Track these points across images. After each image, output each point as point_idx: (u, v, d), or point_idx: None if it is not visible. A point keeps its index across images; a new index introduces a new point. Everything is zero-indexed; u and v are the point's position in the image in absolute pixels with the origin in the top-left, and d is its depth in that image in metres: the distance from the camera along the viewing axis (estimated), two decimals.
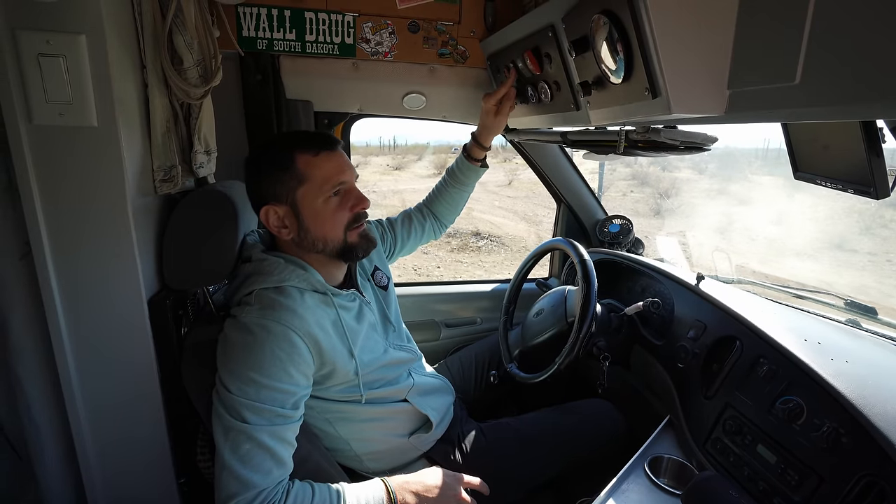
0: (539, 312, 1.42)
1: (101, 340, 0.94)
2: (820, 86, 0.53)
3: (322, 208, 0.95)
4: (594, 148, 1.20)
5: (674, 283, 1.36)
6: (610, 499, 0.94)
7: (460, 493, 0.97)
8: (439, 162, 19.24)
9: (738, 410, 1.00)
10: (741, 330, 1.08)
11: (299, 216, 0.95)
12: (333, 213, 0.96)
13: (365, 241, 1.01)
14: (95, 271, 0.91)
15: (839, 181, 0.77)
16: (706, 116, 0.71)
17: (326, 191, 0.94)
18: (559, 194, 1.89)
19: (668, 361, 1.24)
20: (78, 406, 0.94)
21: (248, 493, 0.81)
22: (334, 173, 0.95)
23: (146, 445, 1.00)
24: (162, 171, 1.01)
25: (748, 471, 0.92)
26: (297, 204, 0.95)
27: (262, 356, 0.85)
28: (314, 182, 0.94)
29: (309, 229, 0.96)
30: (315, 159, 0.94)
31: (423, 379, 1.17)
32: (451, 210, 1.44)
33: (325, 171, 0.94)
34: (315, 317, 0.92)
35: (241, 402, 0.83)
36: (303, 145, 0.95)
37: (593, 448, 1.22)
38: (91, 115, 0.85)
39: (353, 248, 0.99)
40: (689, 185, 15.79)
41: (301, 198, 0.94)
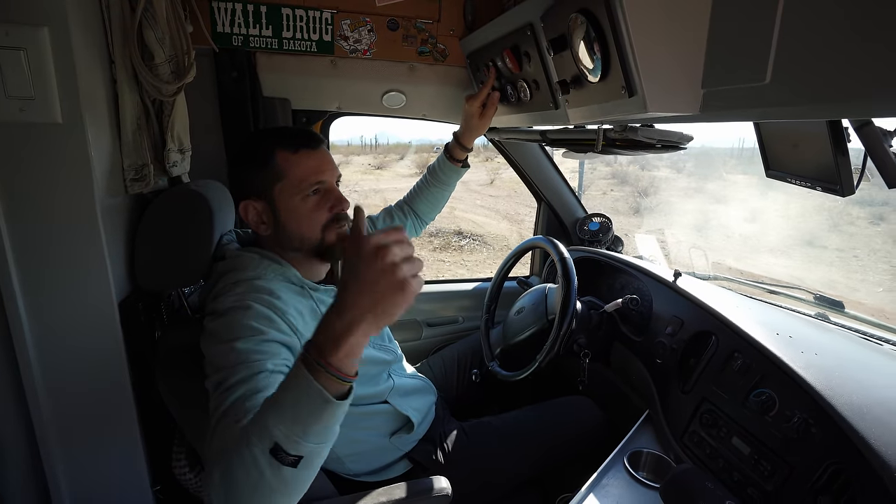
0: (520, 311, 1.43)
1: (68, 345, 0.90)
2: (789, 86, 0.54)
3: (299, 206, 0.93)
4: (573, 147, 1.21)
5: (652, 280, 1.38)
6: (590, 494, 0.95)
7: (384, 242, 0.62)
8: (421, 161, 19.19)
9: (713, 404, 1.02)
10: (717, 325, 1.10)
11: (276, 213, 0.94)
12: (310, 213, 0.94)
13: (341, 243, 0.98)
14: (62, 274, 0.88)
15: (808, 179, 0.79)
16: (681, 115, 0.72)
17: (304, 189, 0.93)
18: (539, 193, 1.91)
19: (646, 357, 1.26)
20: (44, 415, 0.90)
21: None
22: (313, 172, 0.93)
23: (119, 454, 0.97)
24: (133, 169, 0.98)
25: (723, 462, 0.94)
26: (274, 200, 0.93)
27: (241, 328, 0.79)
28: (292, 179, 0.92)
29: (285, 227, 0.94)
30: (294, 156, 0.93)
31: (404, 380, 1.16)
32: (431, 208, 1.44)
33: (303, 169, 0.93)
34: (293, 303, 0.90)
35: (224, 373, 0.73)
36: (284, 142, 0.93)
37: (574, 444, 1.24)
38: (55, 111, 0.81)
39: (330, 248, 0.97)
40: (668, 184, 16.10)
41: (278, 194, 0.93)
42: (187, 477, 1.02)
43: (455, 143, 1.36)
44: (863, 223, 9.66)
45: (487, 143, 1.76)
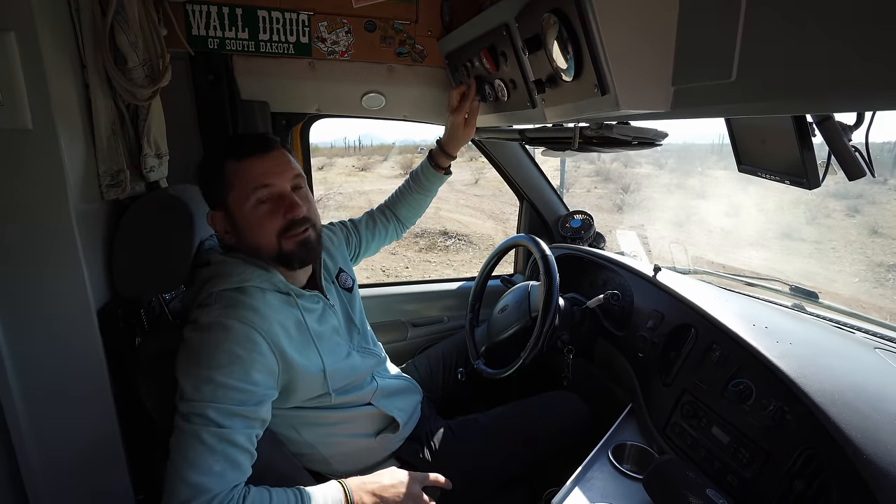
0: (504, 309, 1.44)
1: (46, 354, 0.89)
2: (754, 83, 0.55)
3: (250, 215, 0.92)
4: (551, 145, 1.22)
5: (633, 275, 1.40)
6: (576, 488, 0.96)
7: (419, 493, 0.95)
8: (405, 162, 19.16)
9: (694, 395, 1.04)
10: (696, 318, 1.13)
11: (234, 222, 0.93)
12: (262, 221, 0.92)
13: (303, 250, 0.95)
14: (37, 283, 0.86)
15: (777, 173, 0.81)
16: (653, 112, 0.73)
17: (251, 197, 0.90)
18: (521, 191, 1.92)
19: (629, 351, 1.28)
20: (21, 426, 0.88)
21: (201, 497, 0.75)
22: (259, 180, 0.91)
23: (101, 464, 0.96)
24: (108, 175, 0.97)
25: (704, 452, 0.96)
26: (230, 210, 0.93)
27: (220, 354, 0.81)
28: (238, 189, 0.91)
29: (244, 235, 0.94)
30: (239, 166, 0.91)
31: (387, 381, 1.16)
32: (413, 213, 1.44)
33: (248, 177, 0.91)
34: (278, 316, 0.90)
35: (196, 406, 0.79)
36: (230, 151, 0.92)
37: (560, 439, 1.25)
38: (25, 116, 0.80)
39: (288, 255, 0.94)
40: (650, 181, 16.32)
41: (231, 204, 0.92)
42: None
43: (439, 151, 1.36)
44: (839, 216, 9.92)
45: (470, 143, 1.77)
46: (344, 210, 10.55)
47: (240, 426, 0.81)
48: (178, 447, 0.78)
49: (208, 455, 0.77)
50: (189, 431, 0.78)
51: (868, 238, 8.32)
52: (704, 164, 18.32)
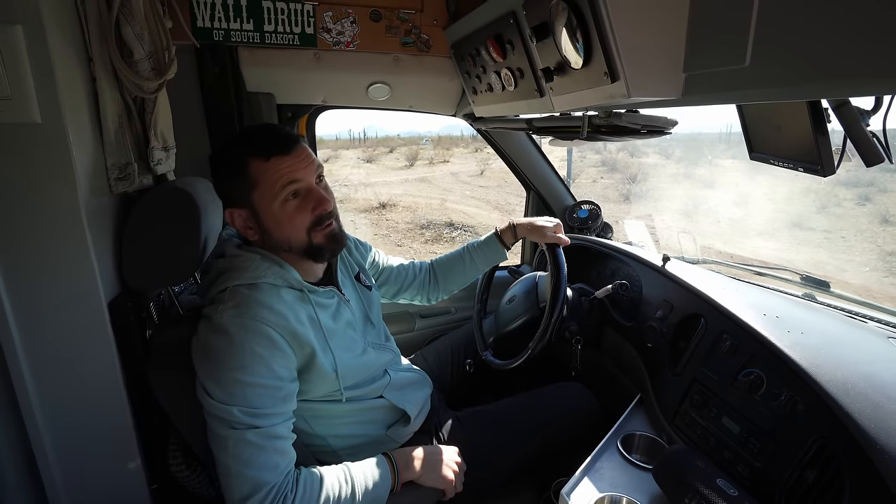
0: (511, 299, 1.43)
1: (58, 348, 0.89)
2: (768, 67, 0.54)
3: (279, 212, 0.92)
4: (559, 134, 1.21)
5: (641, 265, 1.39)
6: (585, 478, 0.97)
7: (456, 458, 1.06)
8: (410, 154, 19.12)
9: (703, 385, 1.04)
10: (705, 308, 1.12)
11: (259, 220, 0.93)
12: (292, 217, 0.92)
13: (332, 242, 0.97)
14: (48, 276, 0.86)
15: (790, 160, 0.80)
16: (664, 100, 0.72)
17: (280, 195, 0.91)
18: (528, 181, 1.91)
19: (637, 341, 1.28)
20: (37, 418, 0.90)
21: (261, 491, 0.82)
22: (287, 177, 0.90)
23: (114, 454, 0.97)
24: (116, 168, 0.97)
25: (714, 441, 0.96)
26: (255, 208, 0.92)
27: (243, 355, 0.83)
28: (267, 187, 0.90)
29: (270, 232, 0.94)
30: (266, 164, 0.90)
31: (400, 374, 1.16)
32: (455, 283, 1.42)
33: (277, 175, 0.90)
34: (293, 312, 0.91)
35: (231, 409, 0.82)
36: (255, 149, 0.91)
37: (568, 429, 1.25)
38: (33, 110, 0.80)
39: (319, 248, 0.96)
40: (657, 170, 16.19)
41: (257, 202, 0.92)
42: (184, 474, 1.02)
43: (508, 230, 1.38)
44: (849, 204, 9.79)
45: (476, 134, 1.76)
46: (349, 202, 10.57)
47: (277, 420, 0.86)
48: (228, 450, 0.82)
49: (259, 452, 0.83)
50: (235, 437, 0.82)
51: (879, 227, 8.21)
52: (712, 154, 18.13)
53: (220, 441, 0.83)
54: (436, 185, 13.17)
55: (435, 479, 1.01)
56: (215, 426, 0.84)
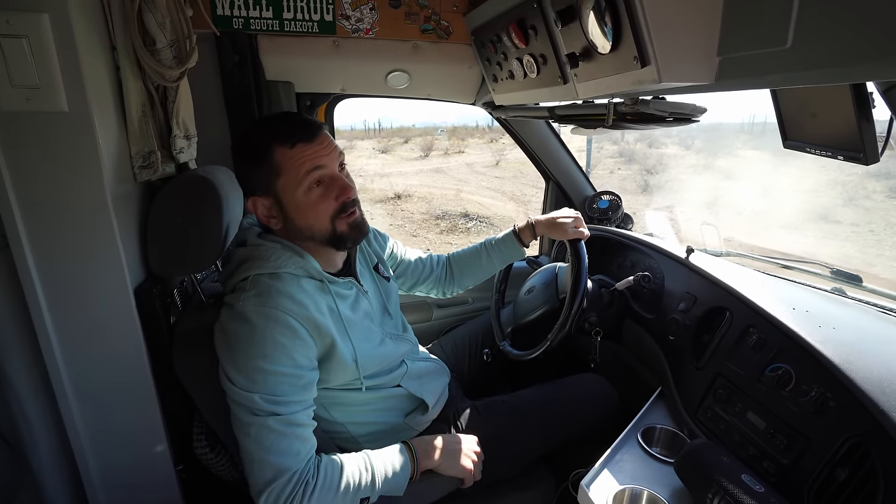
0: (530, 290, 1.42)
1: (88, 332, 0.91)
2: (811, 49, 0.52)
3: (304, 200, 0.92)
4: (582, 122, 1.18)
5: (664, 256, 1.37)
6: (604, 469, 0.96)
7: (475, 447, 1.06)
8: (426, 144, 19.06)
9: (728, 379, 1.01)
10: (731, 301, 1.09)
11: (283, 208, 0.93)
12: (316, 205, 0.92)
13: (355, 231, 0.97)
14: (77, 262, 0.88)
15: (828, 148, 0.77)
16: (696, 85, 0.70)
17: (305, 183, 0.90)
18: (547, 171, 1.88)
19: (659, 334, 1.26)
20: (69, 400, 0.92)
21: (283, 477, 0.83)
22: (312, 165, 0.90)
23: (141, 435, 0.99)
24: (140, 157, 0.98)
25: (738, 437, 0.94)
26: (279, 196, 0.92)
27: (265, 344, 0.84)
28: (292, 175, 0.90)
29: (294, 220, 0.94)
30: (291, 152, 0.90)
31: (417, 364, 1.17)
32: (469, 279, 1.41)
33: (301, 162, 0.90)
34: (313, 302, 0.91)
35: (253, 396, 0.83)
36: (279, 137, 0.90)
37: (587, 421, 1.24)
38: (61, 99, 0.81)
39: (342, 237, 0.96)
40: (676, 161, 15.89)
41: (282, 190, 0.92)
42: (209, 457, 1.04)
43: (526, 228, 1.36)
44: (880, 197, 9.47)
45: (492, 124, 1.73)
46: (365, 193, 10.60)
47: (298, 408, 0.87)
48: (250, 436, 0.84)
49: (281, 439, 0.84)
50: (257, 423, 0.84)
51: None
52: (734, 144, 17.70)
53: (243, 427, 0.85)
54: (451, 175, 13.12)
55: (454, 467, 1.02)
56: (238, 412, 0.85)
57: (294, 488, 0.84)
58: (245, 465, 0.86)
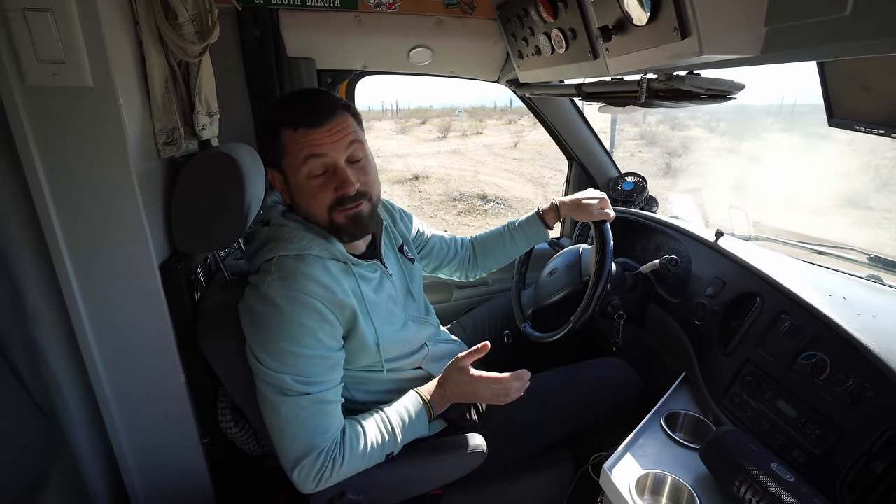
0: (553, 272, 1.40)
1: (116, 308, 0.93)
2: (875, 15, 0.48)
3: (304, 185, 0.90)
4: (611, 100, 1.14)
5: (691, 240, 1.33)
6: (627, 454, 0.95)
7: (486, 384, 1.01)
8: (443, 125, 18.87)
9: (757, 366, 0.99)
10: (762, 286, 1.06)
11: (289, 186, 0.94)
12: (315, 192, 0.90)
13: (354, 224, 0.93)
14: (105, 237, 0.89)
15: (881, 125, 0.72)
16: (738, 58, 0.66)
17: (304, 168, 0.89)
18: (571, 152, 1.84)
19: (684, 319, 1.23)
20: (99, 371, 0.94)
21: (313, 454, 0.86)
22: (310, 152, 0.88)
23: (168, 408, 1.02)
24: (164, 133, 0.98)
25: (767, 425, 0.92)
26: (285, 173, 0.93)
27: (292, 327, 0.85)
28: (292, 157, 0.89)
29: (297, 202, 0.94)
30: (294, 135, 0.88)
31: (439, 346, 1.16)
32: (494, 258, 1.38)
33: (300, 148, 0.88)
34: (338, 285, 0.91)
35: (284, 377, 0.85)
36: (286, 118, 0.89)
37: (608, 405, 1.23)
38: (86, 74, 0.80)
39: (339, 228, 0.93)
40: (700, 144, 15.45)
41: (286, 169, 0.92)
42: (233, 431, 1.07)
43: (551, 210, 1.32)
44: None
45: (511, 104, 1.69)
46: (383, 174, 10.56)
47: (327, 386, 0.89)
48: (280, 415, 0.86)
49: (311, 417, 0.86)
50: (288, 403, 0.85)
51: None
52: (761, 127, 17.10)
53: (273, 407, 0.86)
54: (468, 156, 12.99)
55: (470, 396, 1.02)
56: (267, 392, 0.86)
57: (324, 464, 0.86)
58: (275, 442, 0.88)
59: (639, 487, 0.87)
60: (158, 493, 1.06)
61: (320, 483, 0.87)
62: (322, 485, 0.87)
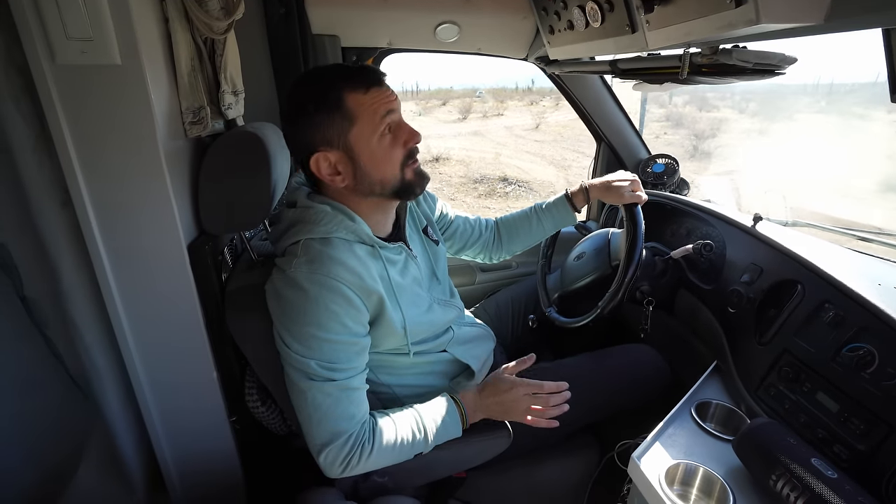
0: (580, 256, 1.37)
1: (146, 288, 0.94)
2: None
3: (377, 148, 0.89)
4: (648, 77, 1.09)
5: (726, 224, 1.28)
6: (656, 442, 0.93)
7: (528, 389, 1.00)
8: (464, 106, 18.64)
9: (796, 357, 0.95)
10: (803, 273, 1.01)
11: (355, 160, 0.90)
12: (388, 151, 0.90)
13: (420, 178, 0.96)
14: (134, 218, 0.89)
15: None
16: (799, 27, 0.61)
17: (381, 127, 0.88)
18: (600, 132, 1.78)
19: (717, 306, 1.19)
20: (131, 350, 0.96)
21: (340, 439, 0.86)
22: (386, 109, 0.88)
23: (196, 386, 1.03)
24: (191, 112, 0.97)
25: (805, 418, 0.89)
26: (351, 147, 0.88)
27: (318, 312, 0.84)
28: (366, 121, 0.87)
29: (367, 172, 0.90)
30: (365, 97, 0.87)
31: (464, 330, 1.15)
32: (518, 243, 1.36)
33: (377, 107, 0.87)
34: (365, 269, 0.90)
35: (309, 362, 0.85)
36: (352, 82, 0.87)
37: (636, 392, 1.21)
38: (114, 51, 0.80)
39: (410, 185, 0.94)
40: (729, 125, 14.92)
41: (355, 140, 0.88)
42: (260, 410, 1.08)
43: (579, 192, 1.28)
44: None
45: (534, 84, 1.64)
46: None
47: (352, 373, 0.88)
48: (307, 400, 0.86)
49: (337, 404, 0.86)
50: (314, 388, 0.86)
51: None
52: (795, 107, 16.39)
53: (299, 391, 0.87)
54: (489, 138, 12.81)
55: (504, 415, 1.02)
56: (294, 376, 0.87)
57: (351, 450, 0.86)
58: (302, 426, 0.89)
59: (668, 477, 0.85)
60: (190, 470, 1.09)
61: (347, 469, 0.87)
62: (349, 471, 0.88)
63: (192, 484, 1.10)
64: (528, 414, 1.00)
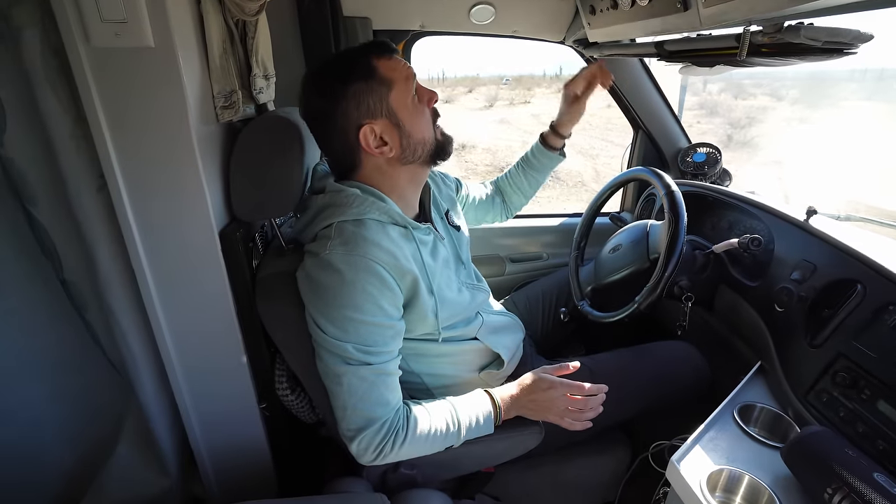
0: (616, 248, 1.32)
1: (178, 272, 0.94)
2: None
3: (414, 109, 0.91)
4: (698, 59, 1.02)
5: (775, 218, 1.20)
6: (696, 446, 0.88)
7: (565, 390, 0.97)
8: (490, 94, 18.39)
9: (853, 361, 0.88)
10: (864, 272, 0.94)
11: (399, 125, 0.91)
12: (423, 111, 0.93)
13: (448, 139, 0.98)
14: (167, 203, 0.89)
15: None
16: None
17: (411, 88, 0.90)
18: (638, 119, 1.70)
19: (762, 304, 1.13)
20: (165, 336, 0.97)
21: (375, 425, 0.85)
22: (408, 72, 0.91)
23: (227, 372, 1.04)
24: (222, 97, 0.96)
25: (863, 428, 0.83)
26: (393, 111, 0.90)
27: (355, 294, 0.83)
28: (400, 83, 0.89)
29: (410, 134, 0.92)
30: (390, 61, 0.89)
31: (492, 317, 1.13)
32: (517, 194, 1.39)
33: (402, 70, 0.90)
34: (400, 250, 0.89)
35: (346, 346, 0.84)
36: (376, 49, 0.90)
37: (673, 392, 1.16)
38: (147, 34, 0.78)
39: (443, 145, 0.97)
40: (766, 114, 14.29)
41: (395, 103, 0.90)
42: (289, 398, 1.08)
43: (550, 132, 1.30)
44: None
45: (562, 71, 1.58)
46: None
47: (387, 357, 0.88)
48: (342, 385, 0.85)
49: (372, 388, 0.85)
50: (350, 372, 0.85)
51: None
52: (840, 95, 15.57)
53: (335, 376, 0.85)
54: (516, 126, 12.60)
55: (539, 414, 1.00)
56: (329, 361, 0.86)
57: (385, 437, 0.86)
58: (336, 411, 0.88)
59: (710, 483, 0.80)
60: (221, 455, 1.10)
61: (380, 456, 0.86)
62: (381, 458, 0.87)
63: (223, 468, 1.11)
64: (564, 415, 0.97)
